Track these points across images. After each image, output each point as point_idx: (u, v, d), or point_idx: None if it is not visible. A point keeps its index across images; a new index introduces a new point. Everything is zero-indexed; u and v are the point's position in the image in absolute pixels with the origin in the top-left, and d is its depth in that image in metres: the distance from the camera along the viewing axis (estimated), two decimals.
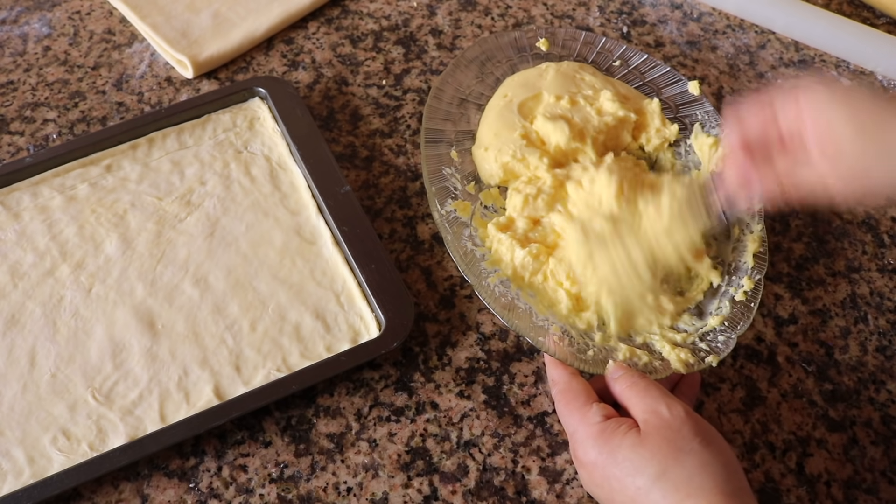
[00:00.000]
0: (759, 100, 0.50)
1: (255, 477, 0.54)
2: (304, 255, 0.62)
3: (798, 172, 0.49)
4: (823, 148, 0.47)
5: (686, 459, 0.44)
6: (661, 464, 0.44)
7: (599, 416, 0.48)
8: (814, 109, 0.47)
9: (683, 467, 0.44)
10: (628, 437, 0.46)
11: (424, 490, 0.53)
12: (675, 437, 0.45)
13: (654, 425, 0.46)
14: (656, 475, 0.44)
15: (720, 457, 0.45)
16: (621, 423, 0.47)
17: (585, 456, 0.48)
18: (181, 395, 0.55)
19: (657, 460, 0.44)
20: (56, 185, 0.65)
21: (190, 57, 0.73)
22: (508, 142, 0.63)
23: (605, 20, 0.82)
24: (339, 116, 0.72)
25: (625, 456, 0.45)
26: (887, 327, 0.63)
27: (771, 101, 0.49)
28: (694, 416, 0.47)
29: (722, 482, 0.43)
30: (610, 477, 0.46)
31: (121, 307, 0.59)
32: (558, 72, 0.68)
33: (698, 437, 0.45)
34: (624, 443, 0.46)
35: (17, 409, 0.54)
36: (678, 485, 0.43)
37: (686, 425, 0.45)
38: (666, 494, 0.43)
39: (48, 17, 0.79)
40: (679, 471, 0.44)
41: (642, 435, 0.46)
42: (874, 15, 0.84)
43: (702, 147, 0.66)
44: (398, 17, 0.81)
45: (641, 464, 0.45)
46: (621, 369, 0.51)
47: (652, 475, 0.44)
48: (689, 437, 0.45)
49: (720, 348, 0.55)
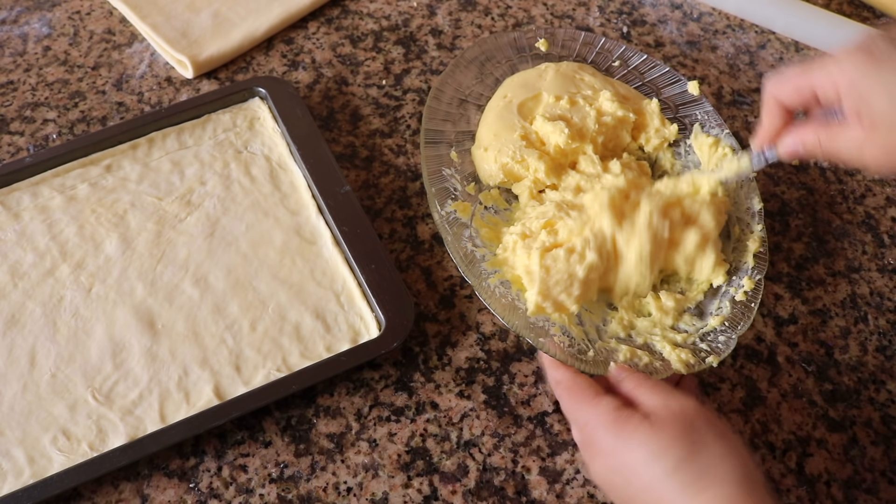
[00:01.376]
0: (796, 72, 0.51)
1: (255, 477, 0.54)
2: (304, 255, 0.62)
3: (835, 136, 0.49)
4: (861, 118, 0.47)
5: (702, 450, 0.44)
6: (678, 453, 0.44)
7: (613, 405, 0.47)
8: (849, 81, 0.47)
9: (700, 457, 0.44)
10: (644, 424, 0.45)
11: (424, 490, 0.53)
12: (689, 429, 0.45)
13: (668, 417, 0.46)
14: (674, 464, 0.44)
15: (736, 450, 0.45)
16: (635, 411, 0.47)
17: (600, 442, 0.47)
18: (181, 395, 0.55)
19: (675, 449, 0.44)
20: (56, 185, 0.65)
21: (190, 57, 0.73)
22: (508, 142, 0.63)
23: (605, 20, 0.82)
24: (339, 116, 0.72)
25: (641, 442, 0.45)
26: (887, 327, 0.63)
27: (808, 74, 0.50)
28: (706, 409, 0.47)
29: (740, 474, 0.43)
30: (624, 464, 0.45)
31: (121, 307, 0.59)
32: (558, 72, 0.68)
33: (713, 429, 0.45)
34: (639, 430, 0.45)
35: (18, 408, 0.54)
36: (698, 474, 0.43)
37: (699, 418, 0.45)
38: (684, 484, 0.43)
39: (48, 17, 0.79)
40: (696, 460, 0.44)
41: (657, 425, 0.45)
42: (874, 15, 0.84)
43: (701, 147, 0.66)
44: (398, 17, 0.81)
45: (659, 452, 0.44)
46: (624, 371, 0.51)
47: (669, 464, 0.44)
48: (703, 429, 0.45)
49: (720, 348, 0.55)
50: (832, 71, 0.48)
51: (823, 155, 0.50)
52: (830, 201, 0.70)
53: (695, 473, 0.43)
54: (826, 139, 0.50)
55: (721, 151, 0.64)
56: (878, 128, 0.46)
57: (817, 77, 0.49)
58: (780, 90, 0.52)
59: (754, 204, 0.62)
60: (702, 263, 0.58)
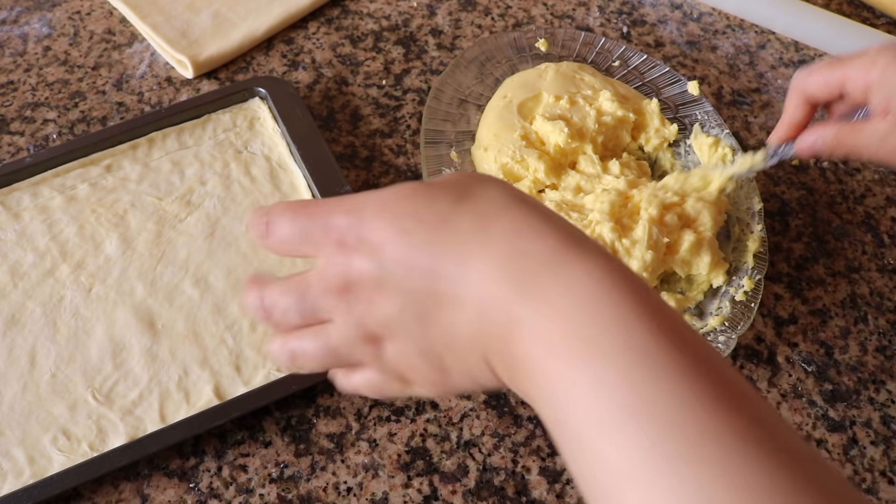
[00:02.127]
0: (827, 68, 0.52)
1: (255, 477, 0.54)
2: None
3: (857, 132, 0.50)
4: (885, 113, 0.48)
5: (484, 186, 0.35)
6: (458, 190, 0.35)
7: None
8: (880, 77, 0.48)
9: (486, 188, 0.35)
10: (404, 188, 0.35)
11: (424, 490, 0.54)
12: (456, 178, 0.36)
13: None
14: (456, 198, 0.34)
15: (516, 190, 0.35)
16: None
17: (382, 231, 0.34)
18: (181, 395, 0.55)
19: (455, 188, 0.35)
20: (56, 185, 0.65)
21: (190, 57, 0.73)
22: (508, 143, 0.63)
23: (605, 20, 0.82)
24: (339, 116, 0.72)
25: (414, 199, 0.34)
26: (887, 327, 0.63)
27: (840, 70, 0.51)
28: None
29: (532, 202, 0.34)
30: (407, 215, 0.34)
31: (121, 307, 0.59)
32: (558, 72, 0.68)
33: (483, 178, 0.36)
34: (403, 188, 0.35)
35: (18, 408, 0.54)
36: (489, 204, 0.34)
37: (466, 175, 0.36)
38: (476, 215, 0.34)
39: (48, 18, 0.79)
40: (481, 191, 0.34)
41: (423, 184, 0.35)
42: (874, 15, 0.84)
43: (701, 147, 0.66)
44: (398, 17, 0.81)
45: (439, 193, 0.34)
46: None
47: (451, 199, 0.34)
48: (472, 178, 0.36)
49: (720, 349, 0.55)
50: (865, 66, 0.49)
51: (841, 150, 0.51)
52: (830, 201, 0.70)
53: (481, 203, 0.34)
54: (847, 133, 0.51)
55: (721, 151, 0.64)
56: None
57: (850, 71, 0.50)
58: (808, 82, 0.53)
59: (754, 204, 0.62)
60: (698, 264, 0.58)
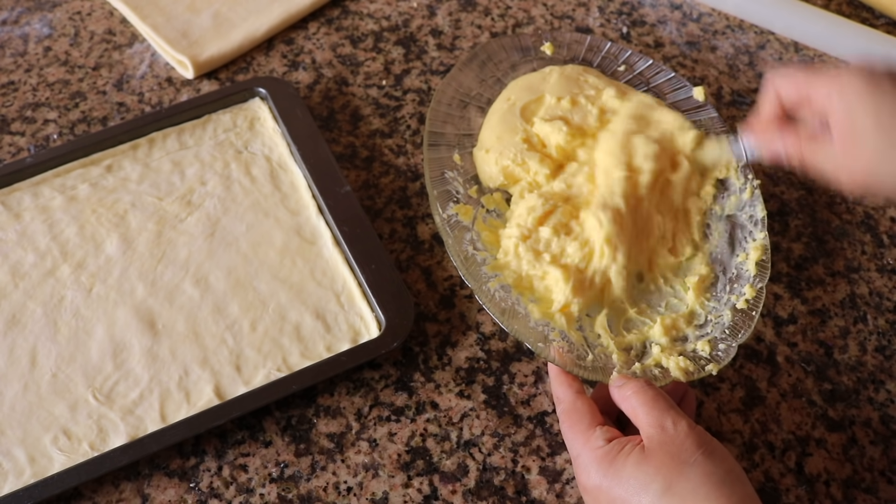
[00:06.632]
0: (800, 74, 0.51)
1: (256, 476, 0.54)
2: (305, 255, 0.62)
3: (817, 149, 0.50)
4: (843, 136, 0.48)
5: (690, 471, 0.44)
6: (665, 479, 0.44)
7: (602, 440, 0.47)
8: (842, 96, 0.48)
9: (688, 480, 0.44)
10: (632, 455, 0.45)
11: (424, 490, 0.54)
12: (678, 451, 0.45)
13: (659, 441, 0.46)
14: (662, 490, 0.44)
15: (723, 465, 0.45)
16: (624, 443, 0.47)
17: (589, 481, 0.47)
18: (182, 395, 0.55)
19: (662, 475, 0.44)
20: (57, 185, 0.65)
21: (190, 57, 0.73)
22: (510, 145, 0.63)
23: (605, 21, 0.82)
24: (339, 117, 0.73)
25: (629, 474, 0.45)
26: (886, 327, 0.63)
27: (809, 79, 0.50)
28: (697, 429, 0.46)
29: (727, 491, 0.43)
30: (615, 499, 0.45)
31: (121, 307, 0.59)
32: (562, 75, 0.68)
33: (701, 448, 0.45)
34: (628, 462, 0.45)
35: (18, 408, 0.54)
36: (684, 497, 0.43)
37: (689, 438, 0.45)
38: None
39: (49, 18, 0.79)
40: (684, 484, 0.44)
41: (646, 452, 0.45)
42: (874, 15, 0.84)
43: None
44: (398, 18, 0.81)
45: (646, 480, 0.44)
46: (623, 379, 0.51)
47: (657, 491, 0.44)
48: (692, 449, 0.45)
49: (720, 356, 0.54)
50: (832, 82, 0.49)
51: (803, 166, 0.51)
52: (830, 201, 0.70)
53: (682, 496, 0.43)
54: (808, 151, 0.50)
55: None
56: (857, 146, 0.47)
57: (818, 83, 0.50)
58: (780, 84, 0.53)
59: (757, 211, 0.61)
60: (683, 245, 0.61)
